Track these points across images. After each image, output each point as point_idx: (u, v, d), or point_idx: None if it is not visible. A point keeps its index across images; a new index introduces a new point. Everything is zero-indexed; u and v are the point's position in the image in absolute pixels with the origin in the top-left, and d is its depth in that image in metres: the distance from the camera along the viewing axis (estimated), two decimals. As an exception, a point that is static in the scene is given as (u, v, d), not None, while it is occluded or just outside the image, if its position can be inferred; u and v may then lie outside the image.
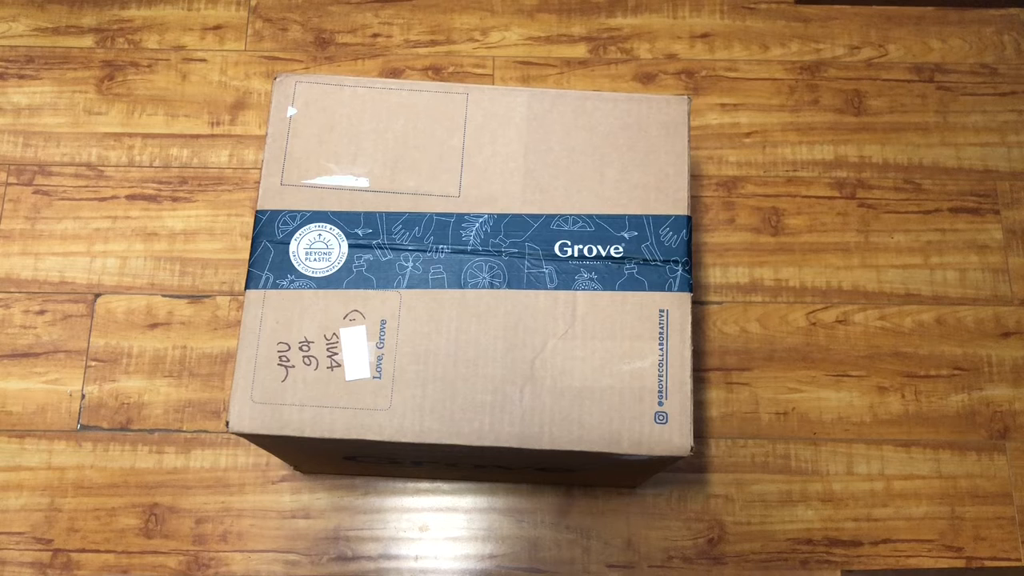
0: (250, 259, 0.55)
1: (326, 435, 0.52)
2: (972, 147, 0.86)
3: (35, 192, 0.82)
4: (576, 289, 0.55)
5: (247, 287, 0.54)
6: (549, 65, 0.88)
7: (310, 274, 0.55)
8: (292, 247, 0.55)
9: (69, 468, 0.75)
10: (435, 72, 0.87)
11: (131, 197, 0.82)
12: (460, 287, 0.55)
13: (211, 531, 0.73)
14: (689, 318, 0.55)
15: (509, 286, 0.55)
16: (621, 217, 0.56)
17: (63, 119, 0.85)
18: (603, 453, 0.53)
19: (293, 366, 0.53)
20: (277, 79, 0.58)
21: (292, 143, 0.57)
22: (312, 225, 0.55)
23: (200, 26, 0.88)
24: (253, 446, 0.75)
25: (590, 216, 0.56)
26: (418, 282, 0.55)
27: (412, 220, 0.56)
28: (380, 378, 0.53)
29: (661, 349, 0.54)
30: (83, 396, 0.76)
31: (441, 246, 0.55)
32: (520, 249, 0.55)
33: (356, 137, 0.57)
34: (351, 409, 0.52)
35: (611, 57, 0.88)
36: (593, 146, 0.58)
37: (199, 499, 0.74)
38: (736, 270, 0.81)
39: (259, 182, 0.65)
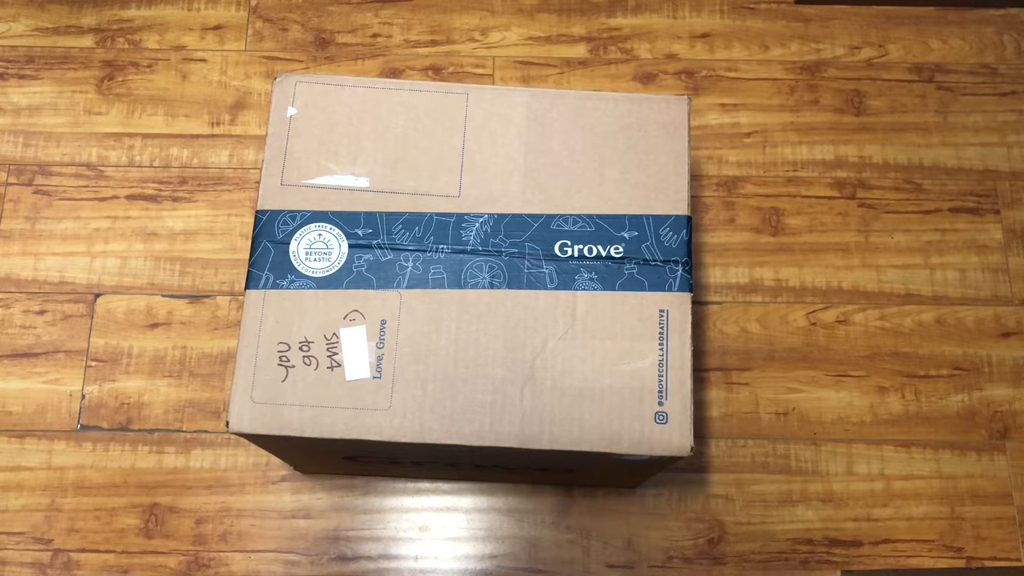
0: (250, 259, 0.55)
1: (326, 435, 0.52)
2: (972, 147, 0.86)
3: (35, 192, 0.82)
4: (576, 289, 0.55)
5: (247, 287, 0.54)
6: (549, 65, 0.88)
7: (310, 274, 0.55)
8: (292, 247, 0.55)
9: (69, 468, 0.75)
10: (435, 72, 0.87)
11: (131, 197, 0.82)
12: (460, 287, 0.55)
13: (211, 531, 0.73)
14: (689, 318, 0.55)
15: (509, 286, 0.55)
16: (621, 217, 0.56)
17: (63, 119, 0.85)
18: (603, 453, 0.53)
19: (293, 366, 0.53)
20: (277, 79, 0.58)
21: (292, 143, 0.57)
22: (312, 225, 0.55)
23: (200, 26, 0.88)
24: (253, 446, 0.75)
25: (590, 216, 0.56)
26: (418, 282, 0.55)
27: (412, 220, 0.56)
28: (380, 378, 0.53)
29: (661, 349, 0.54)
30: (83, 396, 0.76)
31: (441, 246, 0.55)
32: (520, 249, 0.55)
33: (356, 137, 0.57)
34: (351, 409, 0.52)
35: (611, 57, 0.88)
36: (593, 146, 0.58)
37: (199, 499, 0.74)
38: (736, 270, 0.81)
39: (259, 182, 0.65)
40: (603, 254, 0.55)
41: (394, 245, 0.55)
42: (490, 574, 0.73)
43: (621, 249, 0.56)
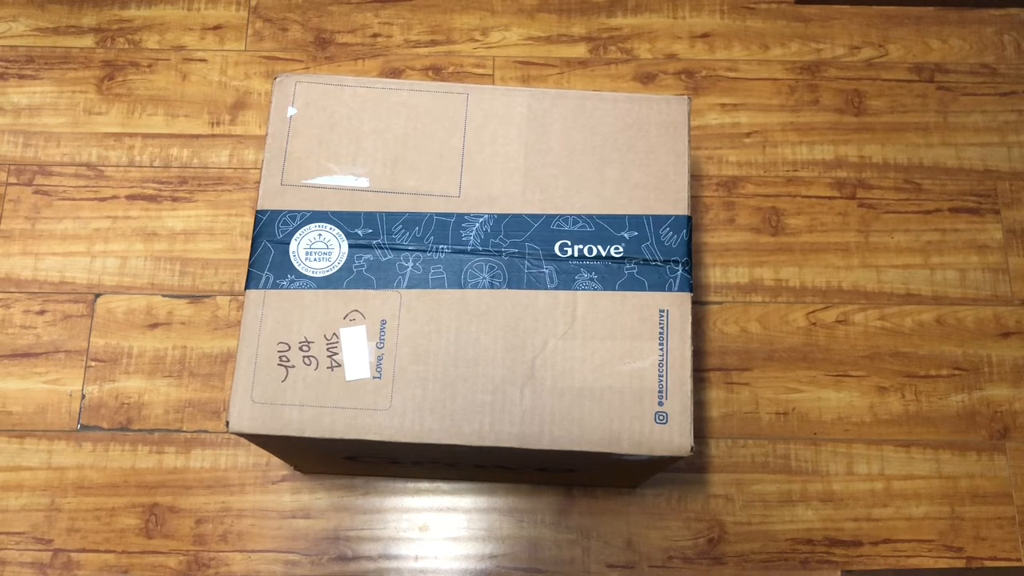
0: (250, 259, 0.55)
1: (326, 435, 0.52)
2: (972, 147, 0.86)
3: (35, 192, 0.82)
4: (576, 289, 0.55)
5: (247, 287, 0.54)
6: (549, 65, 0.88)
7: (310, 274, 0.55)
8: (292, 247, 0.55)
9: (69, 468, 0.75)
10: (435, 72, 0.87)
11: (131, 197, 0.82)
12: (460, 287, 0.55)
13: (211, 531, 0.73)
14: (689, 318, 0.55)
15: (509, 286, 0.55)
16: (621, 217, 0.56)
17: (63, 119, 0.85)
18: (603, 453, 0.53)
19: (293, 366, 0.53)
20: (277, 79, 0.58)
21: (292, 143, 0.57)
22: (312, 225, 0.55)
23: (200, 26, 0.88)
24: (253, 446, 0.75)
25: (590, 216, 0.56)
26: (418, 282, 0.55)
27: (412, 220, 0.56)
28: (380, 378, 0.53)
29: (661, 349, 0.54)
30: (83, 396, 0.76)
31: (441, 246, 0.55)
32: (520, 249, 0.55)
33: (356, 137, 0.57)
34: (351, 409, 0.52)
35: (611, 57, 0.88)
36: (593, 146, 0.58)
37: (199, 499, 0.74)
38: (736, 270, 0.81)
39: (259, 182, 0.65)
40: (603, 254, 0.55)
41: (394, 245, 0.55)
42: (490, 574, 0.73)
43: (621, 249, 0.56)
